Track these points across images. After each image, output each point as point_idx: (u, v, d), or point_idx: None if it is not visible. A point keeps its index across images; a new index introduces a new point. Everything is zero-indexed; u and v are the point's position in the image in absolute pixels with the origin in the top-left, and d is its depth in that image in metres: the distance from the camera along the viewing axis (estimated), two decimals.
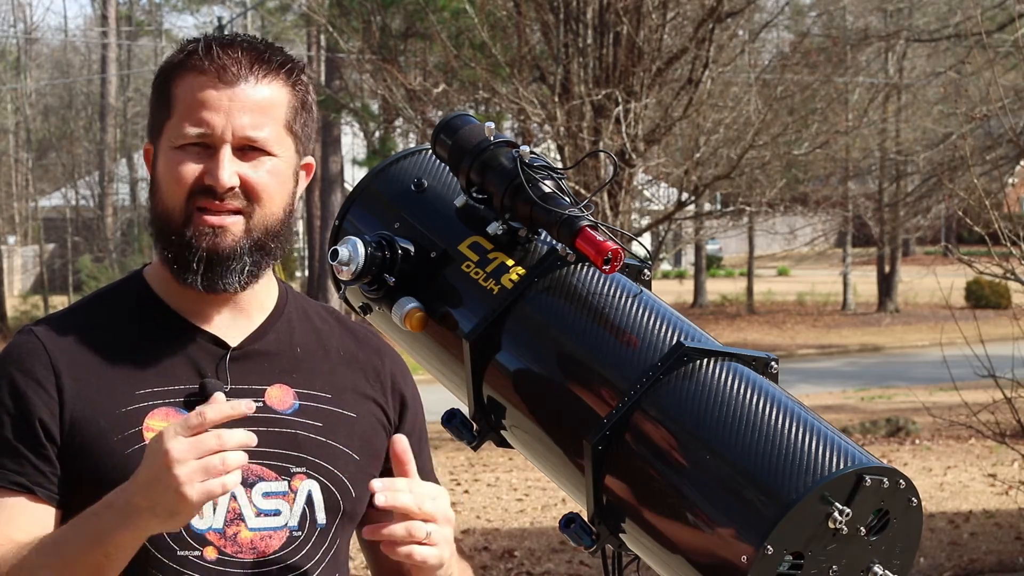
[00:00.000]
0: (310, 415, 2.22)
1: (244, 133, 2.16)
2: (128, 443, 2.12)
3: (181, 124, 2.16)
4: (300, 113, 2.24)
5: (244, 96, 2.16)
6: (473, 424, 2.55)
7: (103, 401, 2.14)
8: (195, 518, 2.09)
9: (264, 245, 2.20)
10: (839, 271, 35.69)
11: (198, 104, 2.15)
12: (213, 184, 2.14)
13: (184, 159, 2.16)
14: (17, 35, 41.48)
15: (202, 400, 2.14)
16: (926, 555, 9.36)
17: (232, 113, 2.15)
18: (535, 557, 9.55)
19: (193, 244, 2.15)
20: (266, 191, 2.18)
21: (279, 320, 2.27)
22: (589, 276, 2.44)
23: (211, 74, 2.16)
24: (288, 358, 2.25)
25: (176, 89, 2.18)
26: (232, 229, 2.16)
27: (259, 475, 2.16)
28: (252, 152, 2.17)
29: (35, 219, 41.00)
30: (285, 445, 2.18)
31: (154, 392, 2.16)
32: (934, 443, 14.62)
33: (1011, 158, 19.75)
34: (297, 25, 32.51)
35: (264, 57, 2.20)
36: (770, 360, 2.35)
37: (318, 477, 2.19)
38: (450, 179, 2.63)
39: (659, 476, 2.24)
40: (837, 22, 29.40)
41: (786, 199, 26.19)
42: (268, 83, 2.19)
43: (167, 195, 2.17)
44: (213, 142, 2.15)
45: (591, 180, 13.16)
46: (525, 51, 14.88)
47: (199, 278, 2.16)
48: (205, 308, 2.22)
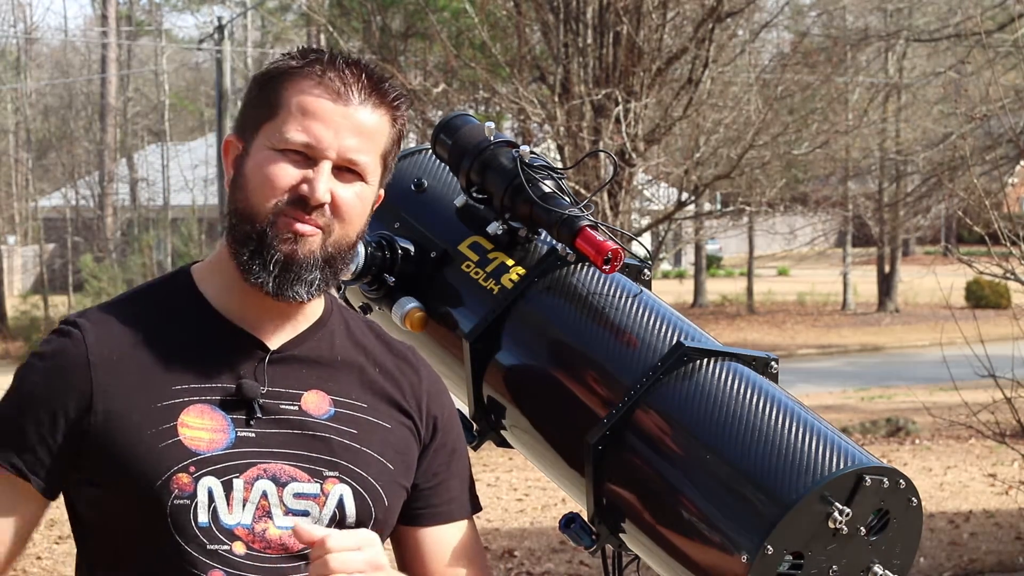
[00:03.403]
0: (345, 422, 2.22)
1: (348, 155, 2.17)
2: (162, 437, 2.12)
3: (287, 128, 2.16)
4: (395, 147, 2.27)
5: (356, 118, 2.18)
6: (473, 424, 2.56)
7: (139, 395, 2.15)
8: (225, 512, 2.12)
9: (334, 263, 2.20)
10: (839, 271, 35.68)
11: (310, 114, 2.16)
12: (308, 196, 2.15)
13: (283, 163, 2.16)
14: (17, 35, 41.47)
15: (239, 400, 2.17)
16: (926, 555, 9.36)
17: (341, 132, 2.16)
18: (535, 557, 9.55)
19: (273, 246, 2.15)
20: (350, 213, 2.19)
21: (322, 329, 2.28)
22: (589, 276, 2.44)
23: (330, 88, 2.17)
24: (327, 366, 2.26)
25: (287, 93, 2.18)
26: (311, 241, 2.17)
27: (292, 476, 2.17)
28: (348, 174, 2.18)
29: (35, 219, 40.99)
30: (319, 449, 2.19)
31: (191, 388, 2.16)
32: (934, 443, 14.62)
33: (1011, 158, 19.74)
34: (297, 25, 32.52)
35: (382, 87, 2.21)
36: (770, 360, 2.35)
37: (351, 483, 2.19)
38: (450, 179, 2.63)
39: (659, 476, 2.24)
40: (837, 22, 29.40)
41: (786, 199, 26.21)
42: (380, 112, 2.21)
43: (256, 193, 2.17)
44: (316, 155, 2.16)
45: (591, 180, 13.17)
46: (525, 51, 14.90)
47: (271, 280, 2.16)
48: (251, 312, 2.23)
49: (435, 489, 2.30)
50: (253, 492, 2.14)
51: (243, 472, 2.14)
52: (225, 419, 2.16)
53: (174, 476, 2.11)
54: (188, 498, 2.11)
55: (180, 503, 2.11)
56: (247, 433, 2.16)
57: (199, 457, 2.12)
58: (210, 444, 2.13)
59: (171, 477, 2.11)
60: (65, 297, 35.01)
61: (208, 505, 2.11)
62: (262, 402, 2.17)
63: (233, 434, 2.15)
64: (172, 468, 2.11)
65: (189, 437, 2.13)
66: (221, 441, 2.14)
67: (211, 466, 2.12)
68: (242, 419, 2.16)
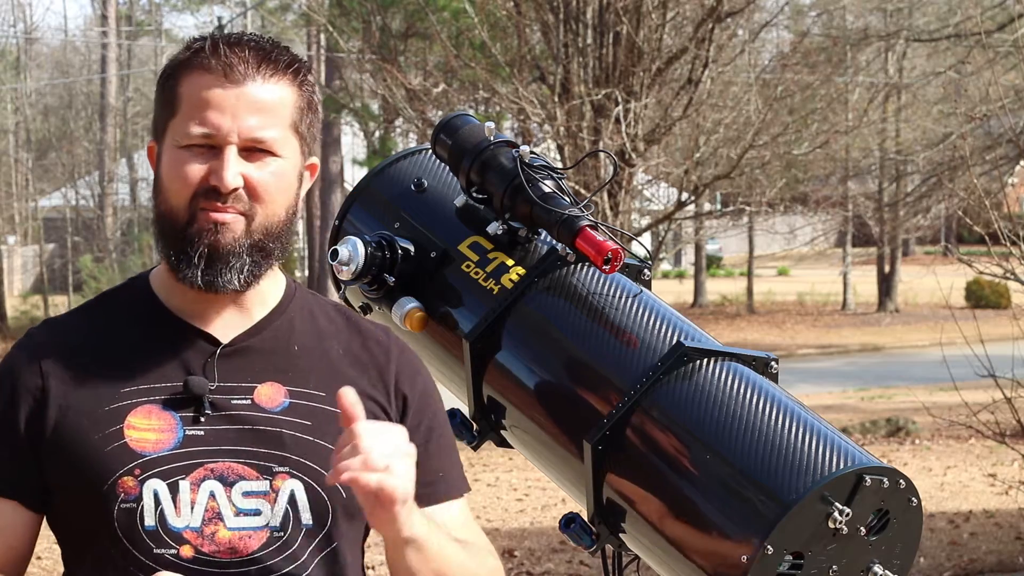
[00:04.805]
0: (299, 413, 2.19)
1: (251, 135, 2.14)
2: (108, 441, 2.11)
3: (186, 123, 2.14)
4: (306, 114, 2.22)
5: (251, 96, 2.14)
6: (473, 424, 2.55)
7: (88, 400, 2.14)
8: (172, 515, 2.10)
9: (264, 246, 2.17)
10: (839, 271, 35.65)
11: (204, 103, 2.13)
12: (218, 185, 2.12)
13: (189, 159, 2.14)
14: (17, 35, 41.47)
15: (186, 398, 2.14)
16: (926, 555, 9.35)
17: (238, 113, 2.13)
18: (535, 557, 9.54)
19: (195, 240, 2.13)
20: (269, 192, 2.16)
21: (279, 318, 2.25)
22: (589, 276, 2.44)
23: (217, 73, 2.14)
24: (283, 355, 2.22)
25: (181, 88, 2.16)
26: (233, 227, 2.14)
27: (240, 474, 2.13)
28: (258, 153, 2.15)
29: (35, 219, 40.98)
30: (269, 444, 2.15)
31: (138, 390, 2.15)
32: (934, 443, 14.60)
33: (1011, 158, 19.74)
34: (297, 25, 32.49)
35: (271, 56, 2.17)
36: (770, 360, 2.35)
37: (302, 477, 2.15)
38: (450, 179, 2.63)
39: (659, 476, 2.24)
40: (837, 22, 29.37)
41: (786, 199, 26.21)
42: (275, 83, 2.17)
43: (171, 194, 2.15)
44: (218, 142, 2.13)
45: (591, 180, 13.16)
46: (525, 51, 14.89)
47: (199, 273, 2.14)
48: (205, 308, 2.21)
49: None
50: (200, 493, 2.11)
51: (189, 473, 2.11)
52: (174, 418, 2.14)
53: (119, 479, 2.10)
54: (134, 501, 2.10)
55: (126, 507, 2.10)
56: (196, 432, 2.13)
57: (144, 459, 2.11)
58: (156, 445, 2.12)
59: (116, 481, 2.10)
60: (65, 297, 35.01)
61: (155, 508, 2.10)
62: (212, 398, 2.15)
63: (181, 433, 2.13)
64: (117, 472, 2.10)
65: (135, 439, 2.11)
66: (168, 441, 2.12)
67: (156, 468, 2.11)
68: (190, 417, 2.14)
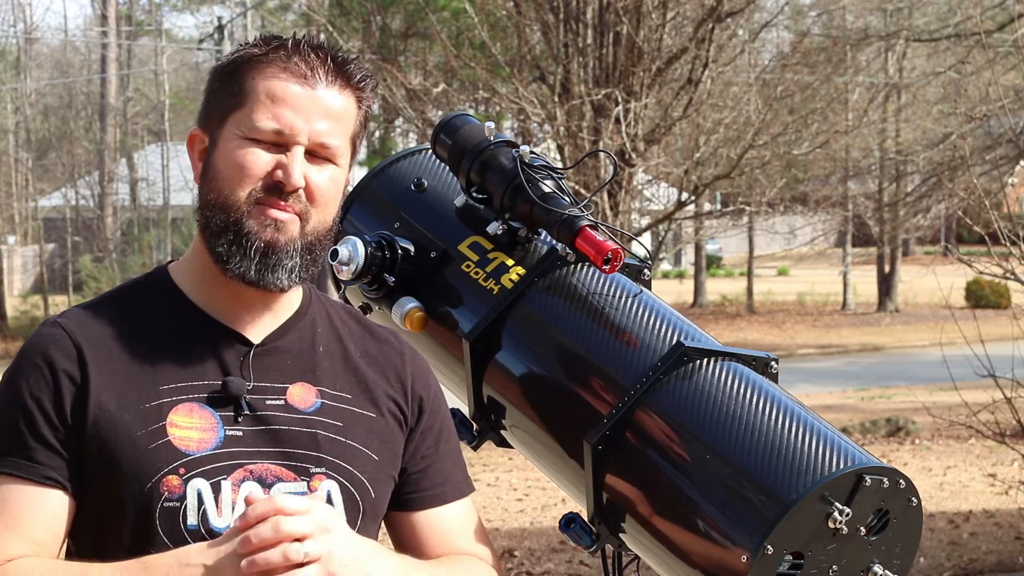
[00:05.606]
0: (330, 414, 2.21)
1: (319, 139, 2.16)
2: (152, 438, 2.11)
3: (256, 116, 2.15)
4: (362, 129, 2.27)
5: (324, 101, 2.17)
6: (473, 424, 2.56)
7: (128, 395, 2.13)
8: (214, 515, 2.10)
9: (313, 249, 2.19)
10: (839, 271, 35.67)
11: (279, 100, 2.15)
12: (283, 182, 2.14)
13: (255, 151, 2.15)
14: (17, 35, 41.45)
15: (225, 397, 2.15)
16: (926, 555, 9.35)
17: (312, 116, 2.16)
18: (535, 557, 9.54)
19: (252, 234, 2.14)
20: (326, 197, 2.19)
21: (303, 319, 2.27)
22: (589, 276, 2.44)
23: (296, 73, 2.16)
24: (309, 356, 2.24)
25: (253, 81, 2.17)
26: (290, 227, 2.16)
27: (277, 475, 2.15)
28: (320, 158, 2.18)
29: (35, 219, 40.96)
30: (305, 445, 2.18)
31: (177, 387, 2.15)
32: (934, 443, 14.60)
33: (1011, 158, 19.72)
34: (297, 25, 32.50)
35: (347, 68, 2.20)
36: (770, 360, 2.35)
37: (337, 477, 2.18)
38: (450, 179, 2.63)
39: (659, 476, 2.24)
40: (837, 22, 29.38)
41: (786, 199, 26.21)
42: (347, 94, 2.20)
43: (230, 183, 2.15)
44: (287, 141, 2.15)
45: (591, 180, 13.16)
46: (525, 51, 14.89)
47: (252, 267, 2.14)
48: (236, 307, 2.21)
49: (424, 472, 2.29)
50: (240, 494, 2.12)
51: (230, 474, 2.12)
52: (214, 416, 2.14)
53: (164, 478, 2.10)
54: (177, 500, 2.10)
55: (169, 505, 2.10)
56: (235, 432, 2.14)
57: (189, 458, 2.11)
58: (200, 444, 2.12)
59: (161, 479, 2.09)
60: (65, 297, 35.00)
61: (198, 508, 2.10)
62: (248, 399, 2.16)
63: (222, 433, 2.13)
64: (162, 470, 2.10)
65: (179, 437, 2.11)
66: (210, 441, 2.13)
67: (200, 467, 2.11)
68: (230, 416, 2.15)
